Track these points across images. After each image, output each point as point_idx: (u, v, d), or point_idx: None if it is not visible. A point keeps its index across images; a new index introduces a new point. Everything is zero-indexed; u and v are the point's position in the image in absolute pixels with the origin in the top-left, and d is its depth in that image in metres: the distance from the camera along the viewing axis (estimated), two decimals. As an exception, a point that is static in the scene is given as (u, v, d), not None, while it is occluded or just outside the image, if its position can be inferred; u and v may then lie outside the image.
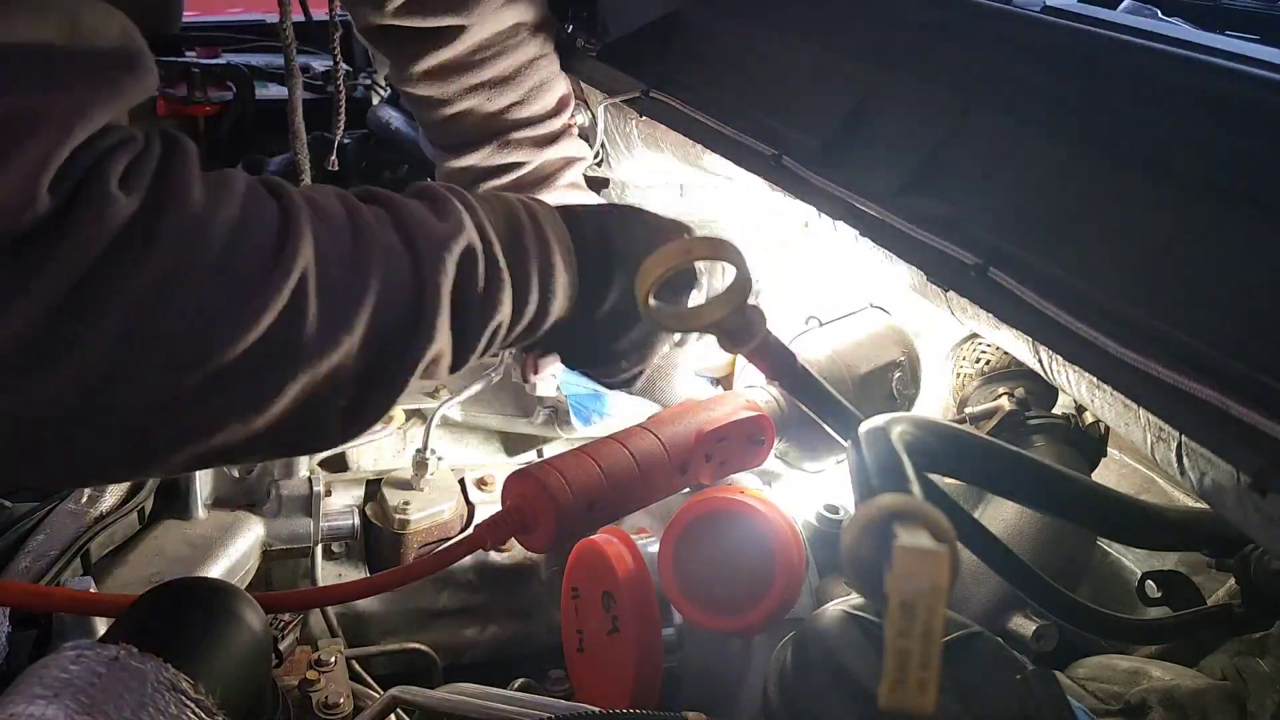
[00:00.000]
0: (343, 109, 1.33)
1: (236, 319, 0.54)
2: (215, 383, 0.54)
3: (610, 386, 0.88)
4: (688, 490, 0.94)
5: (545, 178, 1.20)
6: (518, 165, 1.18)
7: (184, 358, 0.53)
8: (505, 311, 0.70)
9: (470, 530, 0.89)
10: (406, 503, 1.05)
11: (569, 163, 1.22)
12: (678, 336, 0.87)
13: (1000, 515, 1.02)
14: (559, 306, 0.74)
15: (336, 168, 1.45)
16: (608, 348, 0.80)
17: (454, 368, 0.69)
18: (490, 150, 1.17)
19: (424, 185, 0.72)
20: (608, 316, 0.78)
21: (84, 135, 0.51)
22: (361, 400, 0.62)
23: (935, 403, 1.22)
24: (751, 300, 0.67)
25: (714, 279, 0.91)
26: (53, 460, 0.54)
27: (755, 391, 1.01)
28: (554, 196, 1.19)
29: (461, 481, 1.14)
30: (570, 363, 0.86)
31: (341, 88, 1.31)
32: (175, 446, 0.56)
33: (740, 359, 0.95)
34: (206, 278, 0.54)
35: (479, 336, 0.69)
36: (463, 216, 0.68)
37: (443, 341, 0.66)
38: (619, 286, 0.77)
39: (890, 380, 1.09)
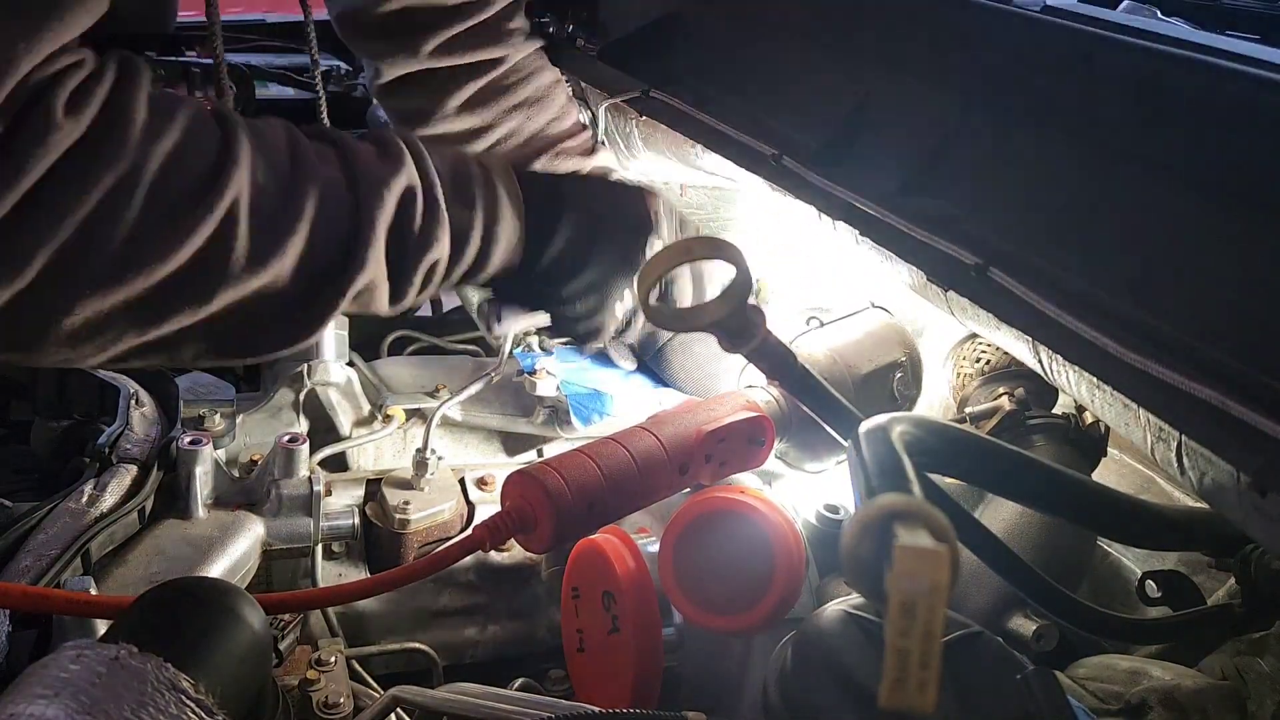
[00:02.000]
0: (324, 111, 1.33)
1: (169, 239, 0.59)
2: (151, 292, 0.60)
3: (578, 337, 0.91)
4: (688, 490, 0.94)
5: None
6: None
7: (118, 271, 0.58)
8: (443, 250, 0.75)
9: (469, 531, 0.89)
10: (406, 502, 1.05)
11: (607, 173, 1.25)
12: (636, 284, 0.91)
13: (1000, 515, 1.02)
14: (503, 250, 0.80)
15: None
16: (556, 291, 0.85)
17: (392, 300, 0.75)
18: (542, 164, 1.19)
19: (377, 131, 0.77)
20: (554, 261, 0.83)
21: (31, 64, 0.54)
22: (294, 317, 0.67)
23: (935, 402, 1.22)
24: (751, 300, 0.67)
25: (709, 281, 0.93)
26: None
27: (755, 392, 1.01)
28: None
29: (461, 481, 1.13)
30: (525, 306, 0.91)
31: (323, 89, 1.30)
32: (114, 340, 0.61)
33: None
34: (142, 200, 0.58)
35: (414, 271, 0.74)
36: (406, 159, 0.74)
37: (375, 272, 0.71)
38: (564, 234, 0.82)
39: (892, 381, 1.09)
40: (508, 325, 1.08)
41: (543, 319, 0.95)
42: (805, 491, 1.07)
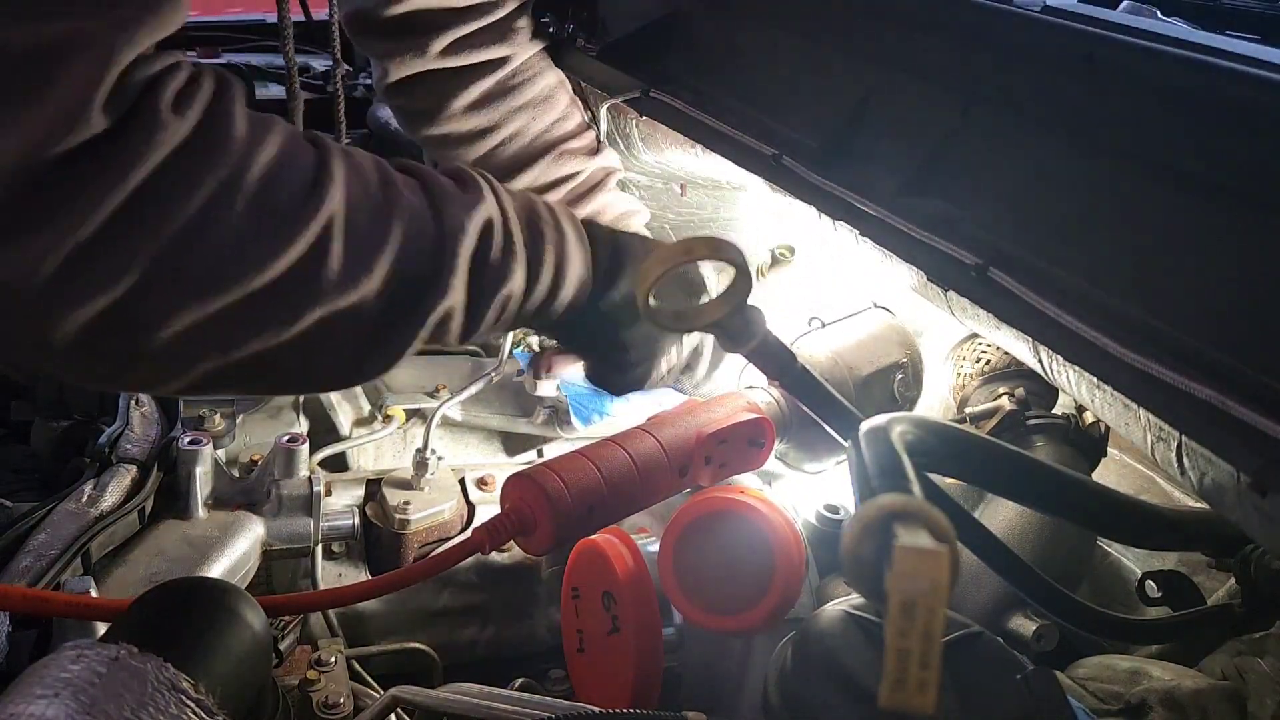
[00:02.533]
0: (342, 110, 1.33)
1: (267, 249, 0.58)
2: (242, 305, 0.58)
3: (619, 386, 0.91)
4: (688, 490, 0.94)
5: (594, 186, 1.24)
6: (572, 176, 1.22)
7: (215, 279, 0.57)
8: (518, 283, 0.75)
9: (469, 533, 0.89)
10: (407, 503, 1.05)
11: (610, 173, 1.26)
12: (685, 338, 0.90)
13: (1000, 515, 1.02)
14: (569, 290, 0.79)
15: None
16: (616, 337, 0.85)
17: (465, 333, 0.73)
18: (546, 163, 1.21)
19: (453, 166, 0.77)
20: (616, 307, 0.83)
21: (130, 56, 0.53)
22: (375, 342, 0.66)
23: (935, 402, 1.22)
24: (751, 300, 0.67)
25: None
26: (80, 366, 0.58)
27: (756, 393, 1.01)
28: (604, 198, 1.24)
29: (462, 481, 1.14)
30: (579, 349, 0.91)
31: (341, 90, 1.30)
32: (198, 359, 0.60)
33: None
34: (244, 208, 0.57)
35: (489, 301, 0.73)
36: (485, 192, 0.74)
37: (456, 299, 0.70)
38: (626, 285, 0.83)
39: (893, 382, 1.09)
40: (557, 374, 1.09)
41: (582, 370, 0.95)
42: (805, 491, 1.07)
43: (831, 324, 1.13)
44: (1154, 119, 0.71)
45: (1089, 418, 1.08)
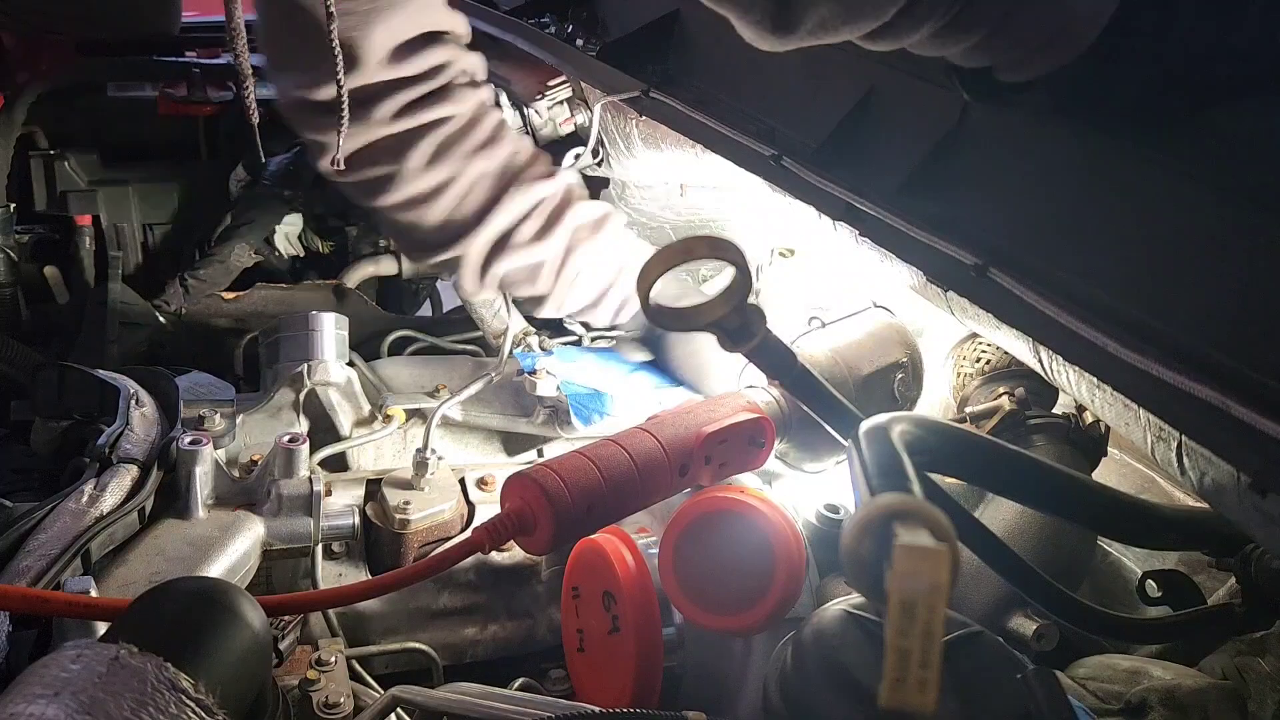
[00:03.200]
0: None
1: None
2: None
3: None
4: (689, 490, 0.94)
5: (564, 203, 1.26)
6: (543, 201, 1.24)
7: None
8: None
9: (468, 533, 0.89)
10: (407, 502, 1.05)
11: (573, 189, 1.28)
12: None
13: (1000, 515, 1.02)
14: None
15: None
16: None
17: None
18: (516, 196, 1.22)
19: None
20: None
21: None
22: None
23: (935, 402, 1.22)
24: (751, 299, 0.67)
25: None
26: None
27: (756, 392, 1.01)
28: (579, 210, 1.26)
29: (462, 481, 1.13)
30: None
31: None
32: None
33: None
34: None
35: None
36: None
37: None
38: None
39: (893, 381, 1.09)
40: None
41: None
42: (805, 491, 1.07)
43: (832, 323, 1.13)
44: (1155, 119, 0.71)
45: (1089, 417, 1.08)
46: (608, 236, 1.29)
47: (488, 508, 1.11)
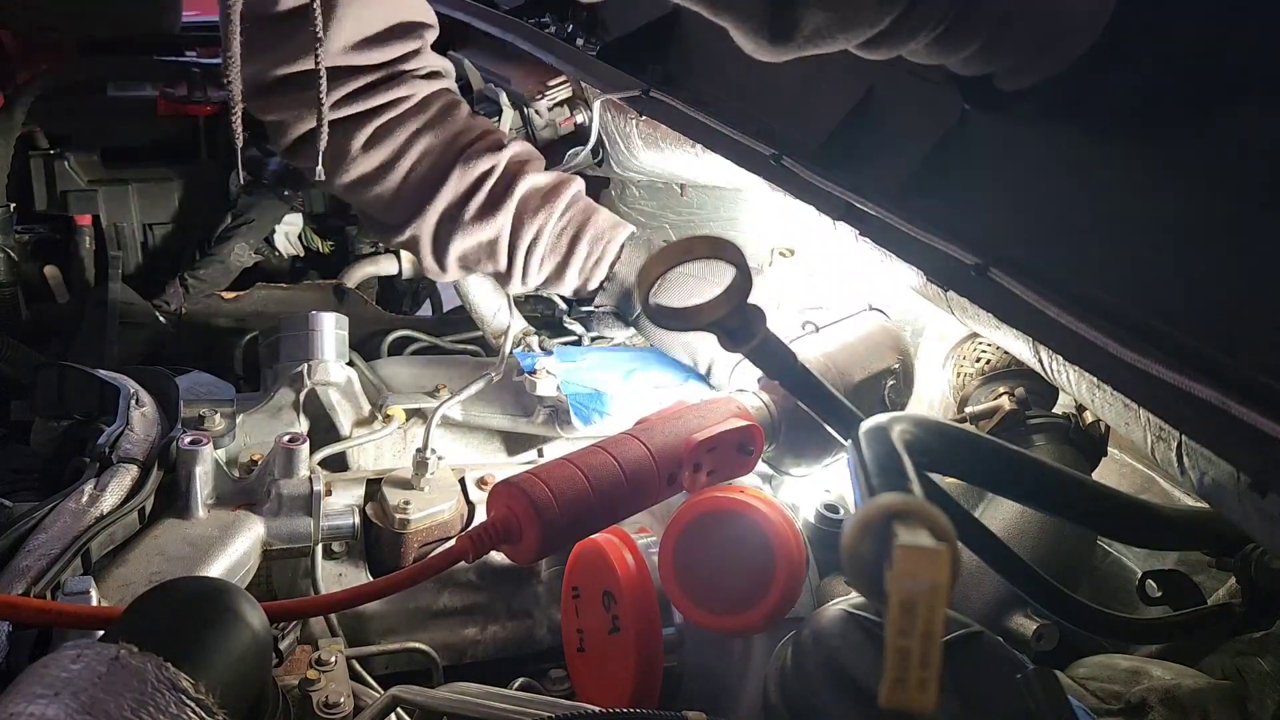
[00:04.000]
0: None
1: None
2: None
3: None
4: (682, 492, 0.93)
5: (515, 175, 1.25)
6: (489, 172, 1.24)
7: None
8: None
9: (453, 541, 0.88)
10: (407, 502, 1.05)
11: (526, 160, 1.27)
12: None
13: (1000, 515, 1.02)
14: None
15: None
16: None
17: None
18: (460, 171, 1.23)
19: None
20: None
21: None
22: None
23: (935, 402, 1.22)
24: (750, 299, 0.67)
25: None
26: None
27: (745, 396, 1.01)
28: (530, 180, 1.26)
29: (462, 481, 1.13)
30: None
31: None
32: None
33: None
34: None
35: None
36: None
37: None
38: None
39: (884, 388, 1.09)
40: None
41: None
42: (805, 491, 1.07)
43: (825, 327, 1.13)
44: (1155, 119, 0.71)
45: (1089, 417, 1.08)
46: (560, 203, 1.26)
47: (488, 508, 1.11)
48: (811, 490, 1.08)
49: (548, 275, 1.29)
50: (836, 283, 1.29)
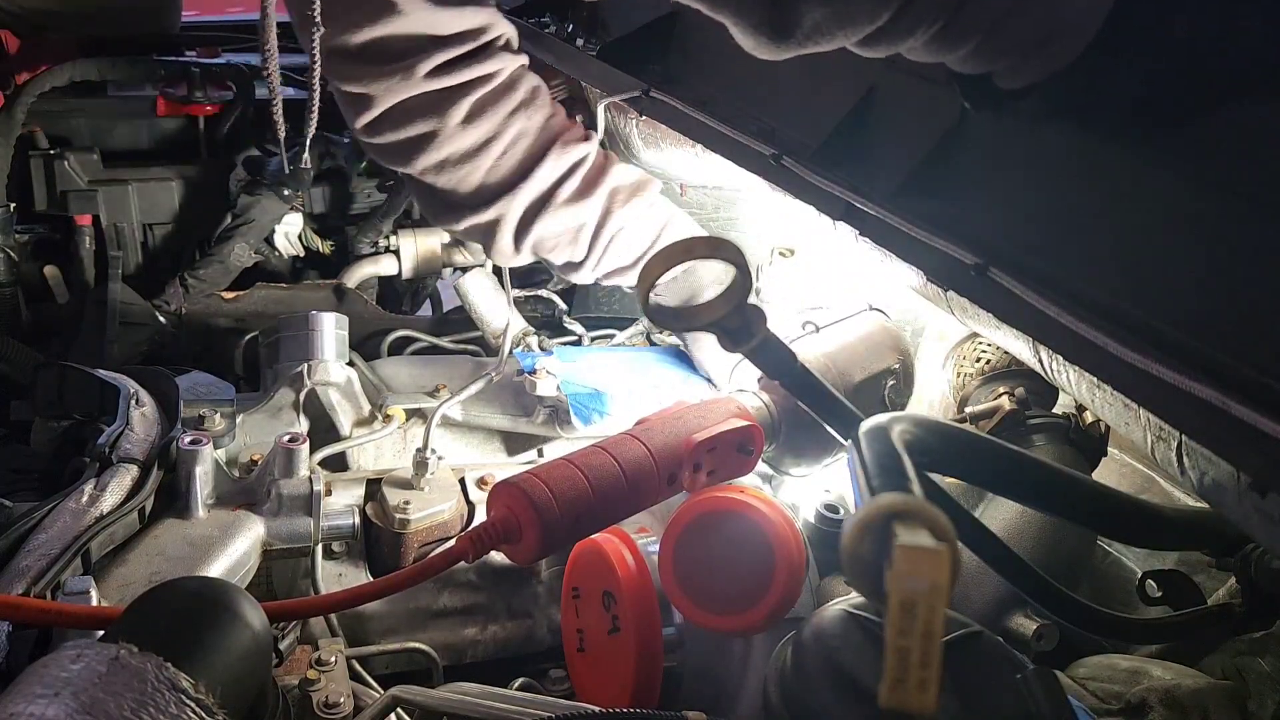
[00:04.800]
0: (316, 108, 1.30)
1: None
2: None
3: None
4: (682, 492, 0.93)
5: (603, 165, 1.27)
6: (582, 160, 1.25)
7: None
8: None
9: (453, 541, 0.88)
10: (407, 502, 1.05)
11: (608, 152, 1.29)
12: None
13: (1000, 515, 1.02)
14: None
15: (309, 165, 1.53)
16: None
17: None
18: (555, 155, 1.23)
19: None
20: None
21: None
22: None
23: (935, 402, 1.22)
24: (751, 299, 0.67)
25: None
26: None
27: (745, 396, 1.01)
28: (618, 173, 1.28)
29: (462, 481, 1.13)
30: None
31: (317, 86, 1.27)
32: None
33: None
34: None
35: None
36: None
37: None
38: None
39: (884, 388, 1.09)
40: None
41: None
42: (805, 491, 1.07)
43: (825, 327, 1.13)
44: (1155, 119, 0.71)
45: (1089, 417, 1.08)
46: (646, 200, 1.28)
47: (488, 507, 1.11)
48: (811, 490, 1.08)
49: (619, 267, 1.31)
50: (836, 283, 1.29)
